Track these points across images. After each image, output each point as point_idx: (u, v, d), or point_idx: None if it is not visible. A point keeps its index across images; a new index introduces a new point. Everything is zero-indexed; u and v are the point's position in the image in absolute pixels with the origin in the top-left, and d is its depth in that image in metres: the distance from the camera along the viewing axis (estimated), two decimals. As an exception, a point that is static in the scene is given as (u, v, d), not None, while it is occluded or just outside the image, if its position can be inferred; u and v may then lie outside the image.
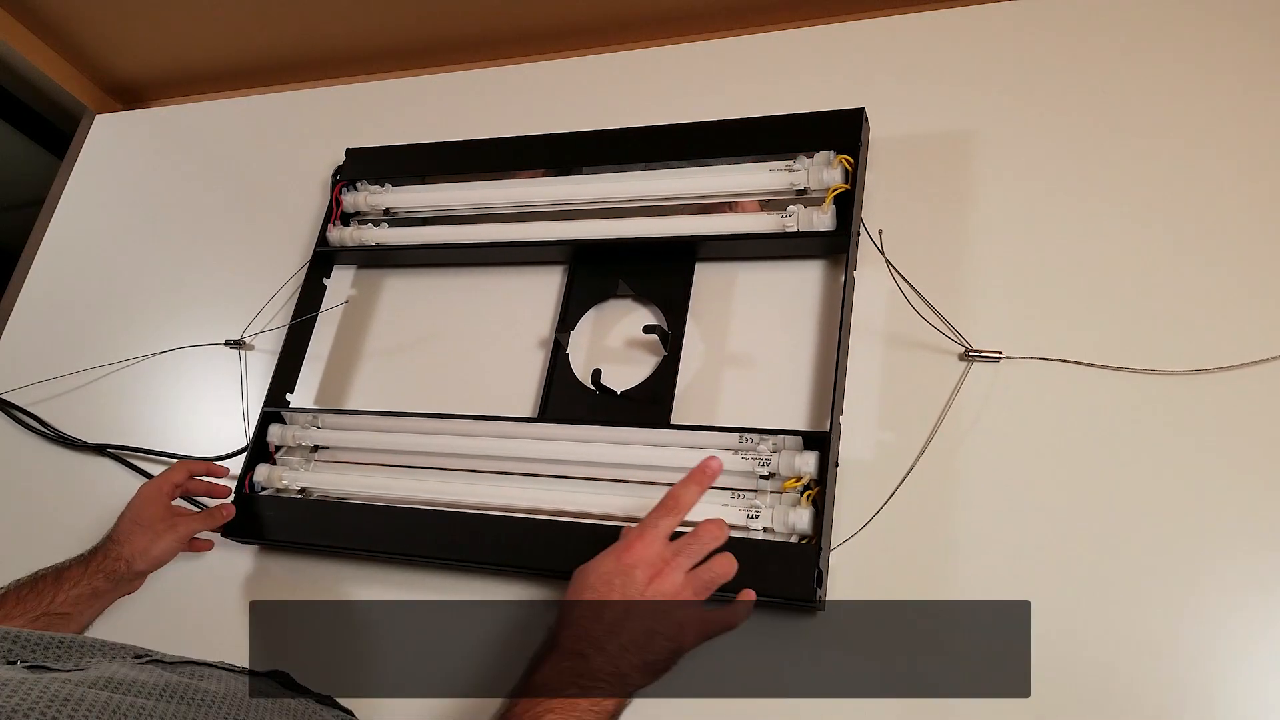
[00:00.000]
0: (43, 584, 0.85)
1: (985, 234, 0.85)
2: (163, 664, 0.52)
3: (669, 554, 0.66)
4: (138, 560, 0.89)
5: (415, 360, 1.03)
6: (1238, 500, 0.70)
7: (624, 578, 0.65)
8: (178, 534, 0.91)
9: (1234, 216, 0.79)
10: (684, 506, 0.69)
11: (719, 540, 0.68)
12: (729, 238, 0.90)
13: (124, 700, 0.43)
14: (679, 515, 0.69)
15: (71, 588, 0.85)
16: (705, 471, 0.70)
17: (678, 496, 0.69)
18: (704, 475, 0.70)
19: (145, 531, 0.90)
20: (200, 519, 0.93)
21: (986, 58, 0.93)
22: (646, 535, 0.67)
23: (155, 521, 0.90)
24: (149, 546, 0.90)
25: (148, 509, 0.91)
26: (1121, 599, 0.69)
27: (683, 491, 0.70)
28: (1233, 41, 0.85)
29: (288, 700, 0.57)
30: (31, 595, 0.83)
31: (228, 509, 0.93)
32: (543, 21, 1.18)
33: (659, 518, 0.68)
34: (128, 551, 0.89)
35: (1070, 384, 0.77)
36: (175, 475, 0.94)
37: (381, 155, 1.09)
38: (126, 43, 1.38)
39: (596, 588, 0.65)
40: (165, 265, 1.23)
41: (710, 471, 0.70)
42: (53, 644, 0.51)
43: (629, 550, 0.66)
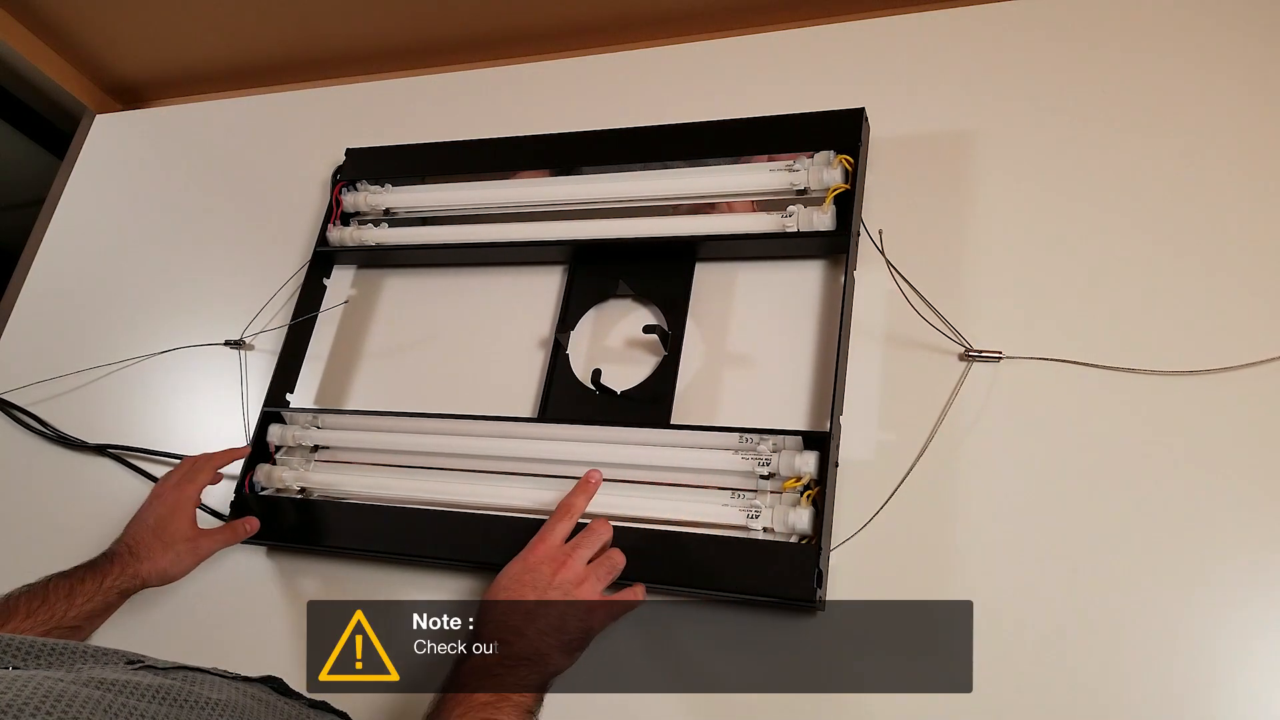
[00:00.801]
0: (54, 596, 0.81)
1: (985, 234, 0.85)
2: (155, 669, 0.52)
3: (568, 549, 0.76)
4: (154, 579, 0.86)
5: (415, 360, 1.03)
6: (1238, 500, 0.70)
7: (532, 574, 0.74)
8: (198, 555, 0.89)
9: (1234, 216, 0.79)
10: (575, 511, 0.79)
11: (608, 534, 0.78)
12: (729, 238, 0.90)
13: (116, 699, 0.43)
14: (571, 519, 0.78)
15: (85, 602, 0.82)
16: (589, 482, 0.81)
17: (568, 504, 0.79)
18: (588, 485, 0.81)
19: (168, 551, 0.87)
20: (223, 536, 0.90)
21: (986, 58, 0.93)
22: (545, 538, 0.76)
23: (179, 540, 0.87)
24: (169, 568, 0.87)
25: (173, 524, 0.88)
26: (1122, 598, 0.69)
27: (572, 499, 0.80)
28: (1233, 41, 0.85)
29: (281, 706, 0.57)
30: (42, 608, 0.80)
31: (251, 523, 0.91)
32: (543, 21, 1.19)
33: (554, 523, 0.78)
34: (146, 569, 0.86)
35: (1070, 384, 0.77)
36: (202, 479, 0.91)
37: (381, 155, 1.09)
38: (126, 43, 1.38)
39: (509, 587, 0.73)
40: (165, 265, 1.23)
41: (593, 483, 0.81)
42: (45, 650, 0.51)
43: (532, 552, 0.76)
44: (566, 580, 0.73)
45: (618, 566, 0.77)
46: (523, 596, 0.72)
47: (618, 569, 0.77)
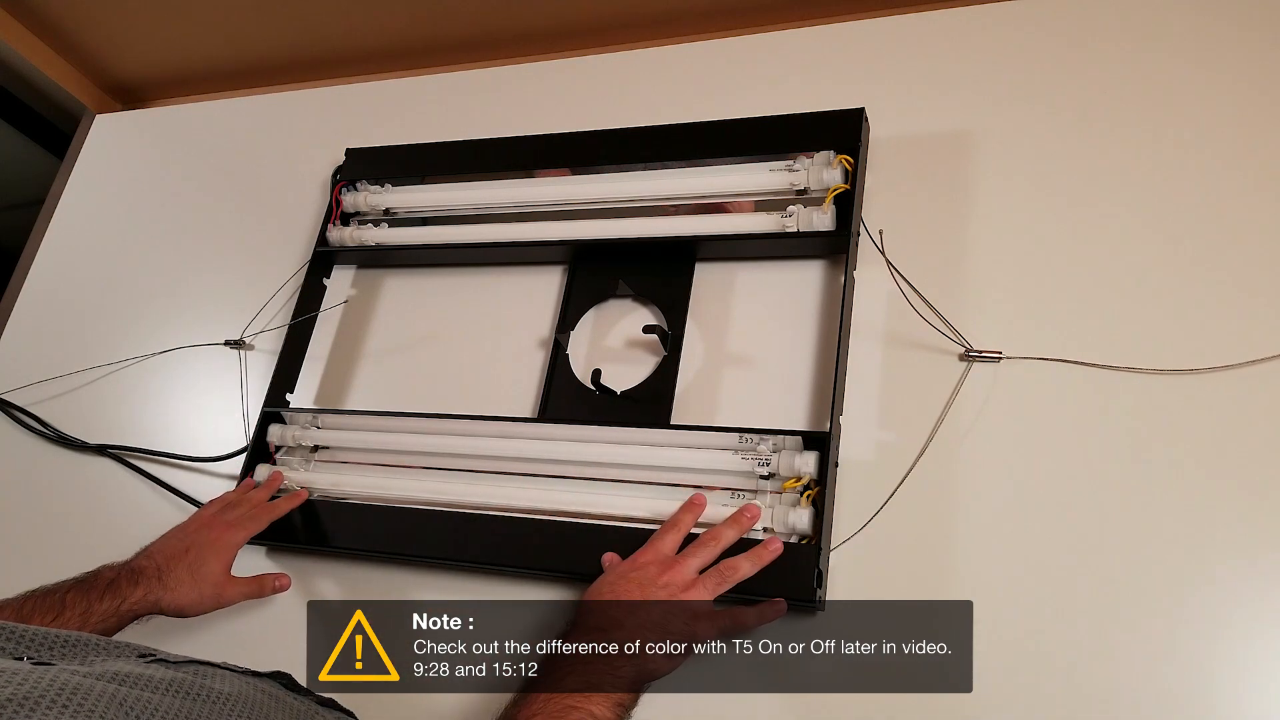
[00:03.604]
0: (70, 611, 0.77)
1: (985, 234, 0.85)
2: (167, 663, 0.52)
3: (679, 556, 0.73)
4: (170, 611, 0.82)
5: (415, 360, 1.03)
6: (1237, 499, 0.70)
7: (639, 573, 0.71)
8: (220, 602, 0.84)
9: (1234, 216, 0.79)
10: (684, 526, 0.76)
11: (729, 541, 0.74)
12: (729, 238, 0.90)
13: (130, 693, 0.43)
14: (680, 532, 0.75)
15: (99, 622, 0.78)
16: (695, 504, 0.78)
17: (676, 520, 0.77)
18: (694, 507, 0.78)
19: (194, 589, 0.82)
20: (249, 589, 0.86)
21: (986, 58, 0.93)
22: (654, 545, 0.74)
23: (208, 582, 0.83)
24: (189, 606, 0.83)
25: (210, 563, 0.84)
26: (1122, 598, 0.69)
27: (680, 516, 0.77)
28: (1233, 41, 0.85)
29: (291, 701, 0.57)
30: (56, 622, 0.76)
31: (282, 581, 0.88)
32: (543, 21, 1.19)
33: (663, 534, 0.75)
34: (167, 600, 0.81)
35: (1070, 384, 0.77)
36: (254, 528, 0.88)
37: (381, 155, 1.09)
38: (126, 43, 1.38)
39: (615, 584, 0.71)
40: (165, 265, 1.23)
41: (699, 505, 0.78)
42: (58, 642, 0.51)
43: (640, 556, 0.73)
44: (674, 582, 0.70)
45: (730, 577, 0.72)
46: (627, 594, 0.70)
47: (730, 580, 0.72)
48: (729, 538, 0.74)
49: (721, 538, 0.74)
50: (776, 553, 0.73)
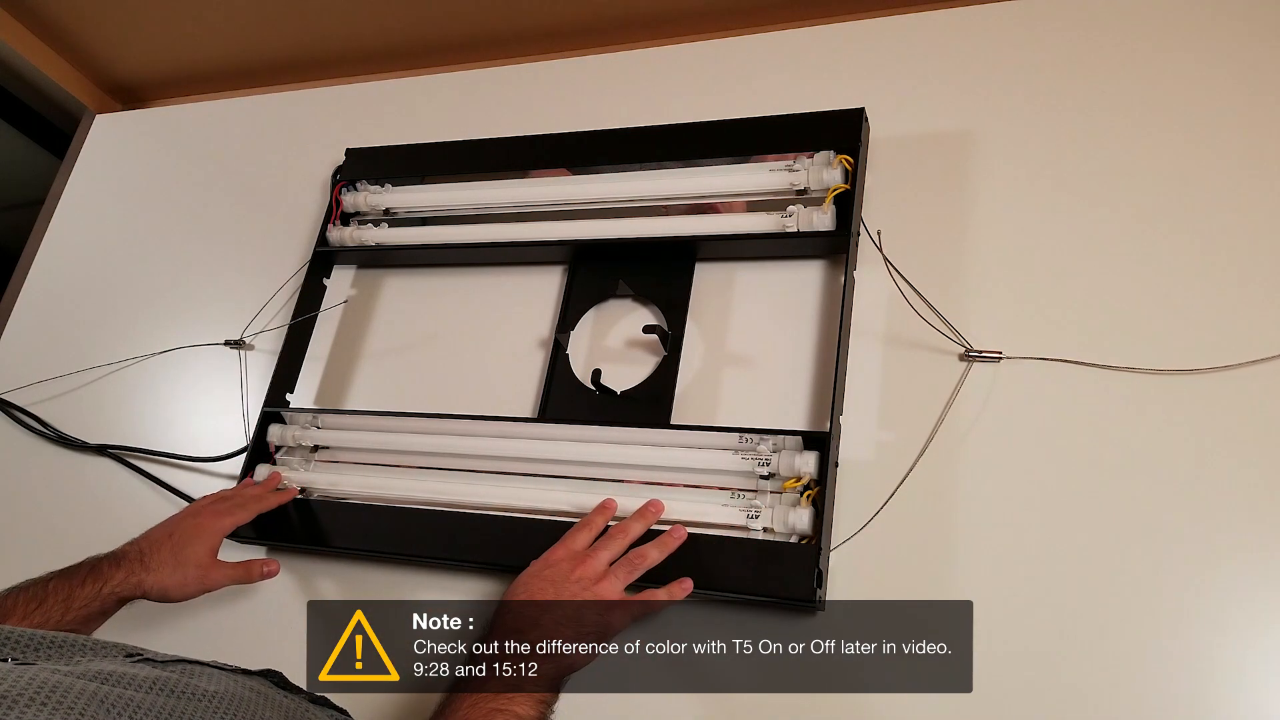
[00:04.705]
0: (52, 599, 0.78)
1: (985, 234, 0.85)
2: (154, 662, 0.52)
3: (590, 550, 0.76)
4: (154, 594, 0.82)
5: (415, 360, 1.03)
6: (1238, 498, 0.70)
7: (552, 570, 0.74)
8: (205, 586, 0.84)
9: (1234, 216, 0.79)
10: (596, 526, 0.78)
11: (634, 534, 0.77)
12: (729, 238, 0.90)
13: (113, 691, 0.43)
14: (592, 531, 0.78)
15: (82, 607, 0.78)
16: (648, 511, 0.80)
17: (590, 519, 0.79)
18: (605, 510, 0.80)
19: (179, 571, 0.83)
20: (236, 574, 0.86)
21: (986, 58, 0.93)
22: (566, 542, 0.77)
23: (192, 564, 0.83)
24: (172, 588, 0.82)
25: (194, 546, 0.84)
26: (1122, 598, 0.69)
27: (594, 516, 0.80)
28: (1233, 41, 0.85)
29: (281, 699, 0.57)
30: (38, 611, 0.77)
31: (270, 566, 0.88)
32: (543, 21, 1.19)
33: (576, 531, 0.78)
34: (150, 582, 0.81)
35: (1070, 384, 0.77)
36: (242, 516, 0.88)
37: (381, 155, 1.09)
38: (126, 43, 1.38)
39: (527, 584, 0.73)
40: (165, 265, 1.23)
41: (652, 512, 0.80)
42: (44, 643, 0.51)
43: (552, 553, 0.76)
44: (585, 576, 0.73)
45: (639, 566, 0.75)
46: (540, 593, 0.72)
47: (640, 568, 0.75)
48: (636, 530, 0.77)
49: (629, 530, 0.77)
50: (681, 539, 0.77)
